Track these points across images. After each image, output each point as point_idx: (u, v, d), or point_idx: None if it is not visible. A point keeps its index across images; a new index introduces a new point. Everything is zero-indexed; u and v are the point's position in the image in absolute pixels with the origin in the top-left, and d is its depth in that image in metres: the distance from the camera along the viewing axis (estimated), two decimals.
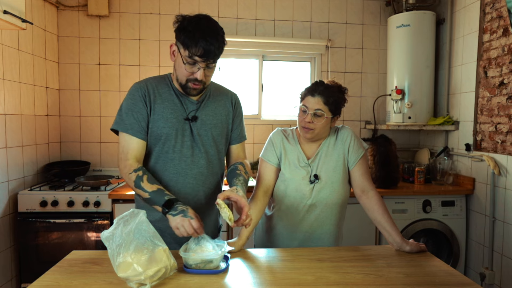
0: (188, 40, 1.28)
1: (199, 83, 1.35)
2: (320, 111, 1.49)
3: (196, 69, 1.32)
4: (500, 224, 2.43)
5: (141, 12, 3.04)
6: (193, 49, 1.28)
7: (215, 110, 1.49)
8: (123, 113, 1.40)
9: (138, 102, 1.39)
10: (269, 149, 1.61)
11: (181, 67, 1.33)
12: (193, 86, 1.36)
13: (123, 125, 1.39)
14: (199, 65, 1.31)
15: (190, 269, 1.21)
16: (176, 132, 1.41)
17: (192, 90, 1.38)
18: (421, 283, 1.16)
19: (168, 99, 1.42)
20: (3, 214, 2.34)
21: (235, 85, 3.22)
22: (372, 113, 3.22)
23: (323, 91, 1.51)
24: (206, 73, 1.35)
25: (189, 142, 1.43)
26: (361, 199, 1.56)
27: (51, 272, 1.20)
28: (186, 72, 1.33)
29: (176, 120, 1.41)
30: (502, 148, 2.40)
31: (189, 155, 1.43)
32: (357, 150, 1.57)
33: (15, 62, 2.43)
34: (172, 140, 1.41)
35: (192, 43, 1.27)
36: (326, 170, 1.56)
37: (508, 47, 2.35)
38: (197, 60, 1.29)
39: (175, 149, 1.41)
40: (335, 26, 3.24)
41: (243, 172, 1.48)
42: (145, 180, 1.32)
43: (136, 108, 1.39)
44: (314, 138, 1.56)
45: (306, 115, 1.51)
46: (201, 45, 1.26)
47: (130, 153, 1.37)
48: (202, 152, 1.45)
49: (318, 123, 1.50)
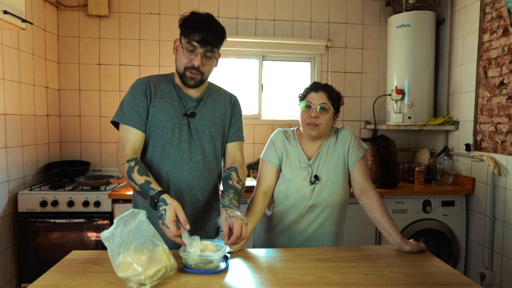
0: (188, 28, 1.36)
1: (196, 71, 1.39)
2: (325, 105, 1.51)
3: (194, 56, 1.37)
4: (500, 224, 2.43)
5: (141, 12, 3.04)
6: (192, 35, 1.35)
7: (214, 108, 1.51)
8: (124, 106, 1.43)
9: (139, 95, 1.43)
10: (270, 150, 1.61)
11: (181, 56, 1.40)
12: (190, 74, 1.39)
13: (123, 117, 1.42)
14: (197, 51, 1.36)
15: (190, 269, 1.21)
16: (173, 126, 1.43)
17: (189, 80, 1.41)
18: (421, 283, 1.16)
19: (168, 95, 1.46)
20: (3, 214, 2.34)
21: (235, 85, 3.22)
22: (372, 113, 3.22)
23: (325, 87, 1.54)
24: (204, 61, 1.39)
25: (186, 137, 1.45)
26: (361, 199, 1.56)
27: (51, 272, 1.20)
28: (185, 59, 1.38)
29: (174, 114, 1.44)
30: (502, 148, 2.40)
31: (185, 149, 1.44)
32: (357, 151, 1.58)
33: (15, 62, 2.43)
34: (169, 134, 1.43)
35: (192, 30, 1.35)
36: (326, 171, 1.56)
37: (508, 47, 2.35)
38: (195, 45, 1.35)
39: (172, 142, 1.43)
40: (335, 26, 3.24)
41: (236, 182, 1.44)
42: (136, 171, 1.31)
43: (137, 101, 1.42)
44: (318, 136, 1.55)
45: (311, 111, 1.51)
46: (200, 31, 1.34)
47: (128, 144, 1.39)
48: (198, 147, 1.46)
49: (324, 117, 1.50)
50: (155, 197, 1.25)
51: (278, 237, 1.62)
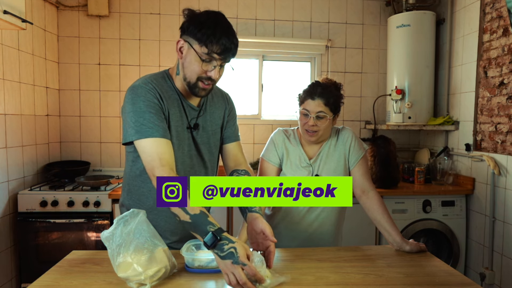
0: (207, 37, 1.18)
1: (210, 82, 1.26)
2: (322, 113, 1.49)
3: (211, 67, 1.23)
4: (500, 224, 2.43)
5: (141, 12, 3.04)
6: (214, 46, 1.19)
7: (213, 115, 1.43)
8: (141, 118, 1.21)
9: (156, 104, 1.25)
10: (271, 149, 1.61)
11: (194, 64, 1.23)
12: (203, 86, 1.26)
13: (146, 130, 1.20)
14: (215, 63, 1.23)
15: (192, 269, 1.21)
16: (180, 143, 1.32)
17: (201, 91, 1.27)
18: (421, 283, 1.16)
19: (173, 105, 1.31)
20: (3, 214, 2.34)
21: (235, 85, 3.22)
22: (372, 113, 3.22)
23: (321, 92, 1.50)
24: (220, 72, 1.28)
25: (188, 152, 1.35)
26: (361, 199, 1.57)
27: (51, 272, 1.20)
28: (200, 69, 1.23)
29: (181, 128, 1.33)
30: (502, 148, 2.40)
31: (187, 164, 1.36)
32: (357, 151, 1.58)
33: (15, 62, 2.43)
34: (176, 152, 1.30)
35: (213, 40, 1.18)
36: (327, 171, 1.56)
37: (508, 47, 2.35)
38: (215, 57, 1.21)
39: (177, 159, 1.30)
40: (335, 26, 3.24)
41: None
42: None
43: (156, 108, 1.24)
44: (318, 140, 1.56)
45: (308, 119, 1.50)
46: (223, 42, 1.19)
47: (164, 158, 1.18)
48: (199, 161, 1.39)
49: (322, 125, 1.50)
50: (217, 234, 1.06)
51: (278, 237, 1.61)
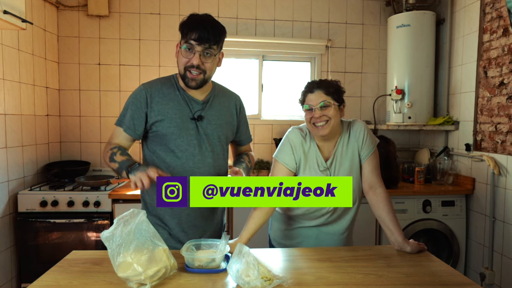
0: (185, 28, 1.37)
1: (196, 70, 1.37)
2: (325, 102, 1.46)
3: (192, 55, 1.37)
4: (500, 224, 2.43)
5: (141, 12, 3.04)
6: (189, 34, 1.35)
7: (220, 111, 1.52)
8: (123, 110, 1.48)
9: (137, 102, 1.45)
10: (287, 152, 1.55)
11: (180, 57, 1.40)
12: (190, 75, 1.39)
13: (119, 120, 1.48)
14: (195, 49, 1.36)
15: (192, 269, 1.21)
16: (180, 131, 1.43)
17: (190, 81, 1.40)
18: (421, 283, 1.17)
19: (173, 100, 1.45)
20: (3, 214, 2.34)
21: (235, 85, 3.22)
22: (372, 113, 3.21)
23: (320, 84, 1.50)
24: (203, 59, 1.38)
25: (195, 141, 1.45)
26: (368, 194, 1.55)
27: (51, 272, 1.20)
28: (184, 59, 1.38)
29: (180, 120, 1.44)
30: (502, 148, 2.40)
31: (196, 154, 1.45)
32: (368, 146, 1.56)
33: (15, 62, 2.43)
34: (177, 139, 1.43)
35: (188, 29, 1.36)
36: (343, 172, 1.54)
37: (508, 47, 2.35)
38: (192, 44, 1.35)
39: (181, 148, 1.44)
40: (335, 26, 3.24)
41: (247, 161, 1.59)
42: (118, 154, 1.39)
43: (134, 107, 1.45)
44: (330, 133, 1.50)
45: (313, 112, 1.48)
46: (196, 29, 1.34)
47: (115, 140, 1.46)
48: (208, 151, 1.47)
49: (329, 113, 1.46)
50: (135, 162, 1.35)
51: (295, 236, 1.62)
